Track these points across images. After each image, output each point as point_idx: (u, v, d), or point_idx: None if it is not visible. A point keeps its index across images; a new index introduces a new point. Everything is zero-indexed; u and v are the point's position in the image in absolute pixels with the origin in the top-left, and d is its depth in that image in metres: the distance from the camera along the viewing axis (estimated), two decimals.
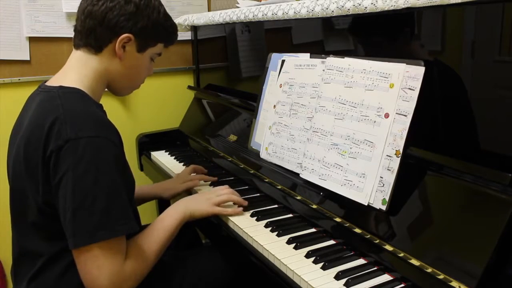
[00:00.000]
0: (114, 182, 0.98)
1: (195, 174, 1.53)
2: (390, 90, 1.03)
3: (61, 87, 1.04)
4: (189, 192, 1.47)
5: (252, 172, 1.46)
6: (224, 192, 1.27)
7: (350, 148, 1.10)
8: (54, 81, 1.08)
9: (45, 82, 1.11)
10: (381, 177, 1.02)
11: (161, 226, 1.12)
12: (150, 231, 1.10)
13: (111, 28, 1.07)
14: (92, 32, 1.07)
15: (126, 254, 1.00)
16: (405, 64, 1.01)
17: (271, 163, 1.38)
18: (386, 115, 1.03)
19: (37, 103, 1.04)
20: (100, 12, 1.06)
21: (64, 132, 0.95)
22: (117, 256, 0.97)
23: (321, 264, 0.98)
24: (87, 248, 0.94)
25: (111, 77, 1.12)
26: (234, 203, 1.27)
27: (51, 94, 1.03)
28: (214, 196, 1.25)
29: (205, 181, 1.51)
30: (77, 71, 1.09)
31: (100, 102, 1.13)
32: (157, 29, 1.13)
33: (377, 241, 0.99)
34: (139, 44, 1.11)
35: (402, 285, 0.91)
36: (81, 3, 1.10)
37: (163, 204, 1.98)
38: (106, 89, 1.19)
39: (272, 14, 1.43)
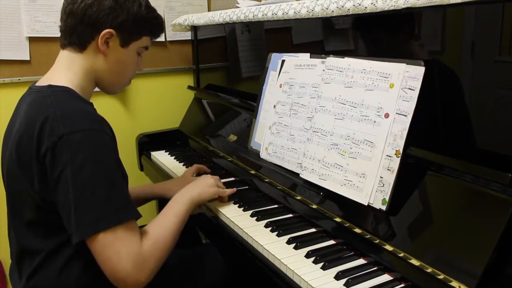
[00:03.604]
0: (112, 172, 0.99)
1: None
2: (390, 90, 1.03)
3: (50, 86, 1.05)
4: None
5: (252, 172, 1.46)
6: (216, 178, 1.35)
7: (350, 148, 1.10)
8: (44, 81, 1.09)
9: (35, 82, 1.12)
10: (381, 177, 1.02)
11: (171, 212, 1.13)
12: (161, 218, 1.11)
13: (92, 25, 1.07)
14: (74, 31, 1.08)
15: (143, 239, 1.00)
16: (405, 64, 1.01)
17: (271, 163, 1.38)
18: (386, 115, 1.03)
19: (27, 103, 1.05)
20: (79, 10, 1.06)
21: (57, 129, 0.96)
22: (133, 238, 0.97)
23: (321, 264, 0.98)
24: (98, 237, 0.95)
25: (99, 74, 1.13)
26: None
27: (41, 94, 1.03)
28: (212, 179, 1.31)
29: None
30: (65, 70, 1.10)
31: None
32: (139, 22, 1.12)
33: (377, 241, 0.99)
34: (122, 38, 1.10)
35: (402, 285, 0.91)
36: (63, 3, 1.11)
37: (163, 204, 1.97)
38: (100, 90, 1.19)
39: (272, 14, 1.43)
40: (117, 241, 0.95)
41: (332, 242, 1.09)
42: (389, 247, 0.96)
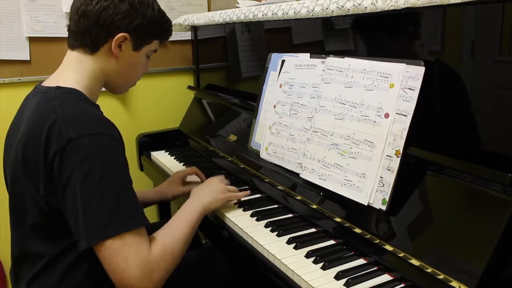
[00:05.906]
0: (120, 177, 0.97)
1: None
2: (390, 90, 1.03)
3: (58, 87, 1.03)
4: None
5: (252, 172, 1.46)
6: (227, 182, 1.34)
7: (350, 148, 1.10)
8: (51, 81, 1.07)
9: (41, 82, 1.10)
10: (381, 177, 1.02)
11: (183, 219, 1.10)
12: (172, 225, 1.08)
13: (107, 28, 1.05)
14: (87, 32, 1.06)
15: (151, 246, 0.98)
16: (405, 64, 1.01)
17: (271, 163, 1.38)
18: (386, 115, 1.03)
19: (34, 104, 1.04)
20: (94, 12, 1.04)
21: (65, 132, 0.94)
22: (142, 244, 0.95)
23: (321, 264, 0.98)
24: (106, 244, 0.93)
25: (108, 76, 1.11)
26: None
27: (48, 95, 1.02)
28: (222, 184, 1.29)
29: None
30: (73, 71, 1.08)
31: (101, 101, 1.12)
32: (153, 27, 1.11)
33: (377, 241, 0.99)
34: (135, 42, 1.10)
35: (402, 285, 0.91)
36: (74, 2, 1.08)
37: (163, 205, 1.98)
38: (103, 89, 1.19)
39: (272, 14, 1.43)
40: (126, 247, 0.93)
41: (332, 242, 1.09)
42: (389, 247, 0.96)
